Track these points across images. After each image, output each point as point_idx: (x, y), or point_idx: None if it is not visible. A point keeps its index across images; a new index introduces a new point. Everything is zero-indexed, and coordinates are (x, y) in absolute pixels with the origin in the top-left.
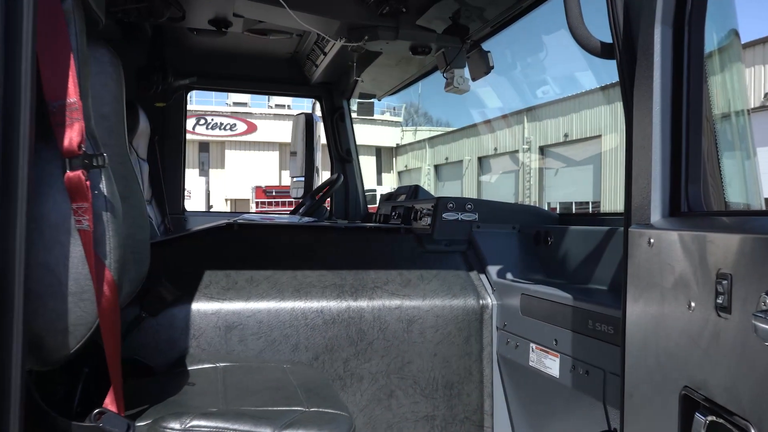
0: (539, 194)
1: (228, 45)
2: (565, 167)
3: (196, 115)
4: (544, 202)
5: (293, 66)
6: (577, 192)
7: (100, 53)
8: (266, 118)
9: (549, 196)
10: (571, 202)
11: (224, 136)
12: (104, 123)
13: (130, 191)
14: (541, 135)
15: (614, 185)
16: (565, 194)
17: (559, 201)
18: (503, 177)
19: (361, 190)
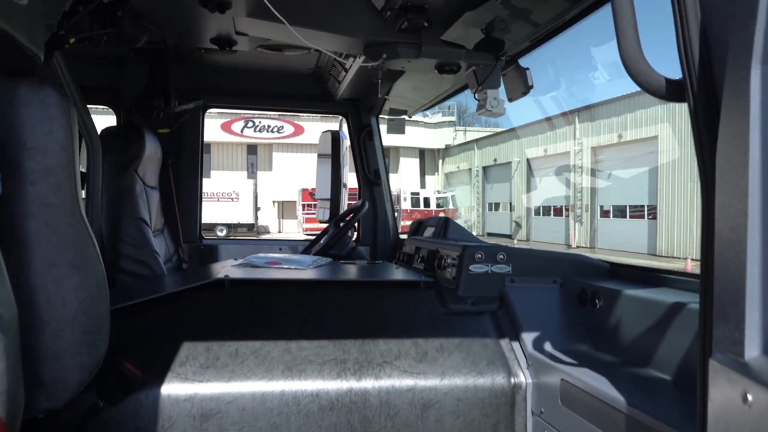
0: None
1: (244, 61)
2: (619, 169)
3: (244, 117)
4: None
5: (316, 82)
6: (631, 195)
7: (43, 95)
8: (313, 120)
9: (601, 199)
10: (625, 205)
11: (272, 138)
12: (49, 179)
13: (84, 258)
14: (593, 135)
15: (671, 189)
16: (619, 196)
17: (612, 204)
18: (554, 179)
19: (390, 214)
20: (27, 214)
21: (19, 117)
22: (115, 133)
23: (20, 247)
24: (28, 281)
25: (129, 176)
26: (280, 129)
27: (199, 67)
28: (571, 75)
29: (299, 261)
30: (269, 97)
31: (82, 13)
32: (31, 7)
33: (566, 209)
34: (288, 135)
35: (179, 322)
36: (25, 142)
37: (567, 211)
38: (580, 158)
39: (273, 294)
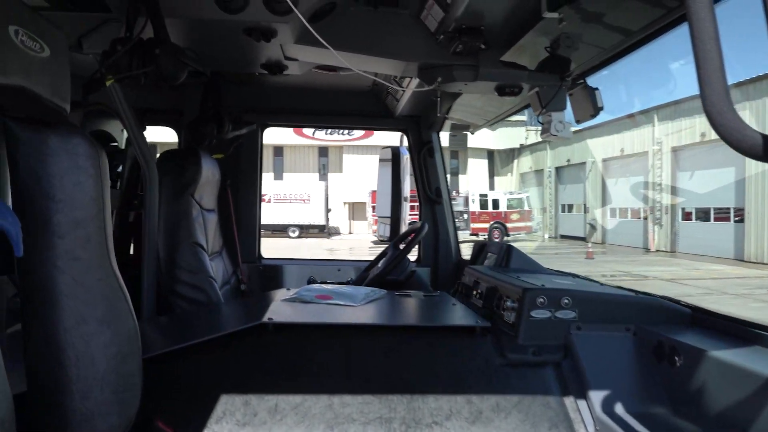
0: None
1: (300, 80)
2: (702, 170)
3: None
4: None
5: (374, 98)
6: (716, 197)
7: (71, 145)
8: None
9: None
10: (709, 207)
11: (342, 140)
12: (77, 231)
13: (115, 313)
14: (673, 135)
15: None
16: (702, 198)
17: (694, 207)
18: (630, 181)
19: (452, 233)
20: (55, 269)
21: (47, 168)
22: (172, 156)
23: (48, 303)
24: (56, 339)
25: (185, 201)
26: (350, 131)
27: (256, 87)
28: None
29: (351, 295)
30: (327, 114)
31: (120, 52)
32: (54, 59)
33: (645, 211)
34: (358, 137)
35: (218, 371)
36: (54, 195)
37: (645, 213)
38: (659, 158)
39: (318, 339)
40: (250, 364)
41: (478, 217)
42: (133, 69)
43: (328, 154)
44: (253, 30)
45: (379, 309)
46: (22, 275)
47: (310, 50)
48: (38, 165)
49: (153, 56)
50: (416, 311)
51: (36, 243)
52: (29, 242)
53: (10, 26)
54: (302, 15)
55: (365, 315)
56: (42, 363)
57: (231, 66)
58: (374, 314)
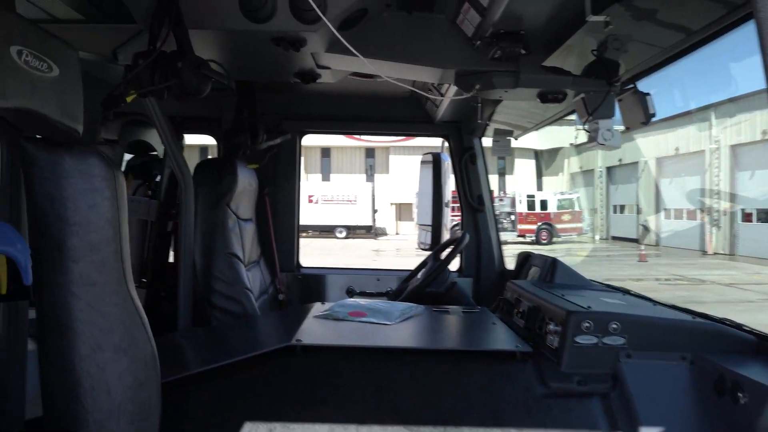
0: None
1: (337, 87)
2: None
3: None
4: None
5: (414, 104)
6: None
7: (86, 166)
8: None
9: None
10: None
11: (389, 141)
12: (92, 256)
13: (132, 339)
14: (732, 132)
15: None
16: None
17: (756, 208)
18: (686, 181)
19: (495, 242)
20: (70, 294)
21: (61, 191)
22: (208, 166)
23: (63, 329)
24: (71, 366)
25: (221, 211)
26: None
27: (293, 95)
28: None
29: (386, 313)
30: (366, 121)
31: (141, 66)
32: (63, 78)
33: (701, 212)
34: (404, 138)
35: (242, 396)
36: (68, 218)
37: (702, 214)
38: (717, 157)
39: (347, 363)
40: (276, 389)
41: (525, 218)
42: (155, 83)
43: (374, 155)
44: (282, 39)
45: (414, 328)
46: (38, 300)
47: (342, 59)
48: (52, 187)
49: (175, 69)
50: (453, 331)
51: (51, 268)
52: (44, 267)
53: (13, 47)
54: (331, 23)
55: (399, 336)
56: (57, 391)
57: (263, 76)
58: (408, 335)
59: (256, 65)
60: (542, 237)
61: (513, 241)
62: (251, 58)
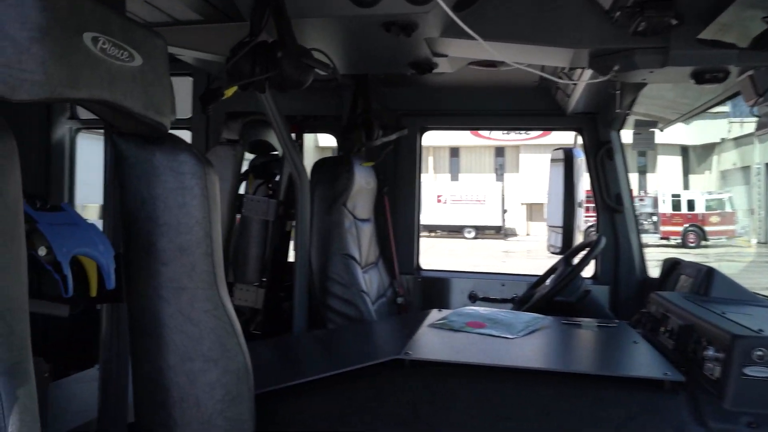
0: None
1: (457, 79)
2: None
3: None
4: None
5: (542, 95)
6: None
7: (176, 162)
8: None
9: None
10: None
11: (519, 140)
12: (182, 258)
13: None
14: None
15: None
16: None
17: None
18: None
19: (636, 247)
20: (160, 299)
21: (151, 190)
22: (324, 165)
23: (153, 336)
24: (160, 376)
25: (337, 211)
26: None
27: (412, 89)
28: None
29: (509, 324)
30: (490, 115)
31: (237, 56)
32: (147, 68)
33: None
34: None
35: (341, 413)
36: (157, 218)
37: None
38: None
39: (460, 382)
40: (379, 408)
41: (669, 219)
42: (255, 75)
43: (504, 154)
44: (392, 24)
45: (539, 344)
46: (130, 305)
47: (459, 43)
48: (143, 186)
49: (275, 60)
50: (586, 350)
51: (140, 271)
52: (135, 270)
53: (87, 33)
54: (445, 2)
55: (521, 353)
56: (147, 400)
57: (376, 67)
58: (533, 352)
59: (368, 55)
60: (689, 240)
61: (655, 243)
62: (361, 47)
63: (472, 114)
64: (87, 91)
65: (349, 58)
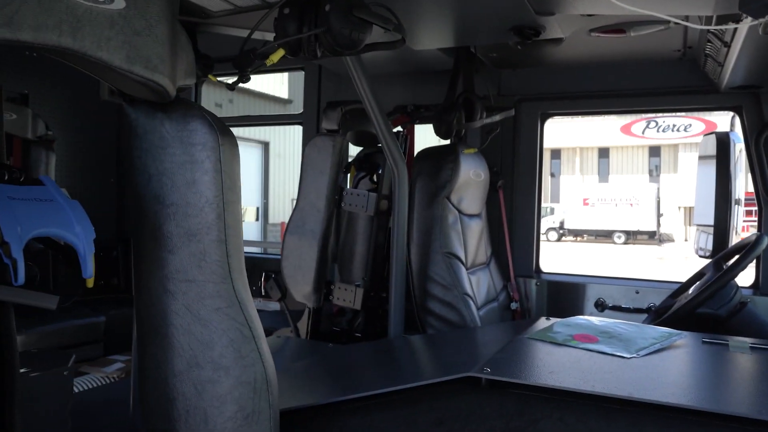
0: None
1: (578, 53)
2: None
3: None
4: None
5: (687, 67)
6: None
7: (187, 132)
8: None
9: None
10: None
11: (677, 138)
12: (190, 246)
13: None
14: None
15: None
16: None
17: None
18: None
19: None
20: (166, 293)
21: (158, 164)
22: (428, 155)
23: (159, 337)
24: (166, 384)
25: (440, 204)
26: (687, 127)
27: (528, 71)
28: None
29: (627, 340)
30: (623, 96)
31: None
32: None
33: None
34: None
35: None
36: (164, 197)
37: None
38: None
39: (550, 411)
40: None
41: None
42: (302, 32)
43: (660, 153)
44: None
45: (665, 368)
46: (135, 299)
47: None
48: (150, 160)
49: (324, 15)
50: (734, 379)
51: (147, 260)
52: (141, 259)
53: None
54: None
55: (638, 379)
56: (152, 410)
57: (473, 37)
58: (654, 379)
59: (462, 23)
60: None
61: None
62: (454, 13)
63: (602, 96)
64: (33, 34)
65: (443, 27)
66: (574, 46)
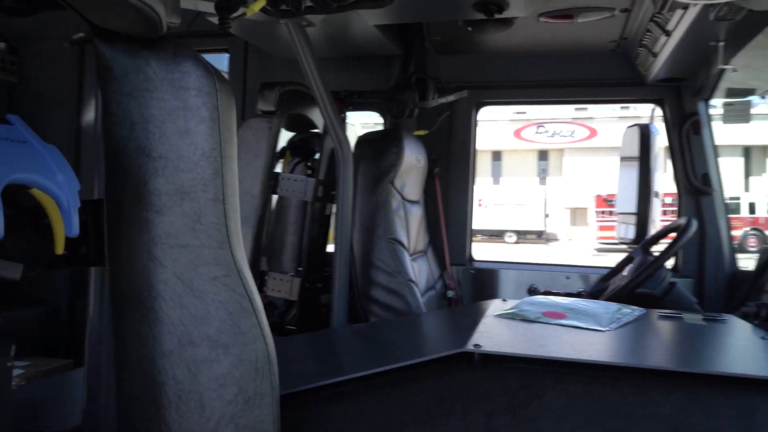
0: None
1: (522, 42)
2: None
3: (536, 123)
4: None
5: (619, 60)
6: None
7: (179, 73)
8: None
9: None
10: None
11: (563, 143)
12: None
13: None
14: None
15: None
16: None
17: None
18: None
19: (726, 235)
20: (151, 260)
21: (143, 110)
22: (370, 139)
23: (142, 311)
24: (152, 366)
25: (384, 189)
26: (572, 133)
27: (466, 58)
28: None
29: (594, 315)
30: (555, 86)
31: None
32: None
33: None
34: (580, 139)
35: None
36: (151, 149)
37: None
38: None
39: (546, 382)
40: (440, 413)
41: None
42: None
43: (548, 157)
44: None
45: (643, 339)
46: (113, 269)
47: None
48: (133, 106)
49: None
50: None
51: (128, 222)
52: (120, 221)
53: None
54: None
55: (624, 349)
56: (134, 400)
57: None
58: (640, 348)
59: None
60: (749, 243)
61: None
62: None
63: (536, 86)
64: None
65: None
66: (518, 32)
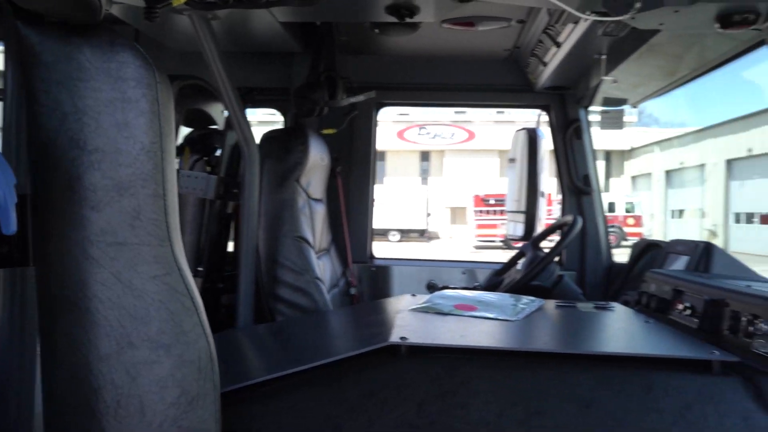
0: None
1: (424, 46)
2: None
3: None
4: None
5: (512, 68)
6: None
7: (116, 63)
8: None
9: None
10: None
11: (444, 145)
12: (122, 201)
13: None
14: None
15: None
16: None
17: None
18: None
19: (603, 231)
20: (86, 260)
21: (77, 100)
22: (275, 137)
23: (75, 314)
24: (87, 372)
25: (290, 187)
26: (452, 135)
27: (373, 58)
28: None
29: (501, 306)
30: (452, 90)
31: None
32: None
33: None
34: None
35: (328, 411)
36: (86, 142)
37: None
38: None
39: (473, 371)
40: (374, 405)
41: None
42: None
43: (429, 158)
44: None
45: (549, 327)
46: (41, 270)
47: None
48: (64, 95)
49: None
50: (605, 332)
51: (59, 219)
52: (50, 218)
53: None
54: None
55: (537, 336)
56: (67, 407)
57: (348, 13)
58: (549, 335)
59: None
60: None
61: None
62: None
63: (434, 89)
64: None
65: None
66: (421, 37)
